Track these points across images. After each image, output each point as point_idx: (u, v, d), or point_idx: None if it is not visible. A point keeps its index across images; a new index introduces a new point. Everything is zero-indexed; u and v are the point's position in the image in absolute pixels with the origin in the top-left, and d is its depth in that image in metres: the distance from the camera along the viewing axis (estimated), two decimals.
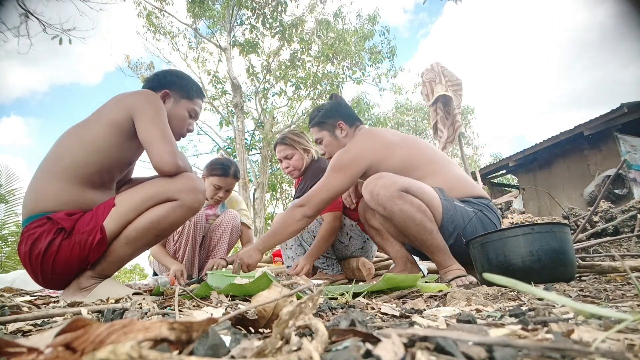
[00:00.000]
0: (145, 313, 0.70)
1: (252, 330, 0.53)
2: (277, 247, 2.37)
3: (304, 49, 11.34)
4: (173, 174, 1.34)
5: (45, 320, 0.69)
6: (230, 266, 2.18)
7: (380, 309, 0.81)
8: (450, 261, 1.52)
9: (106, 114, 1.37)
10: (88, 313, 0.69)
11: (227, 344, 0.39)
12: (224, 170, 2.43)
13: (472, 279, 1.43)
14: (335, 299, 1.05)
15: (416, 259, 2.14)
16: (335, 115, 1.99)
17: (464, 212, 1.59)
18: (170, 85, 1.56)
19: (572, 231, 2.55)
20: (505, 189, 10.73)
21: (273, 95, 12.26)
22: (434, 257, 1.54)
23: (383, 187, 1.50)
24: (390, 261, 2.76)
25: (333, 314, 0.78)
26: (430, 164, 1.74)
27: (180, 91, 1.57)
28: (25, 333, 0.62)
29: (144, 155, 1.46)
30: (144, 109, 1.35)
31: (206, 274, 2.39)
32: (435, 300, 1.04)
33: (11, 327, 0.64)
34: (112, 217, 1.28)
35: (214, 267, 2.25)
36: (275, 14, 10.19)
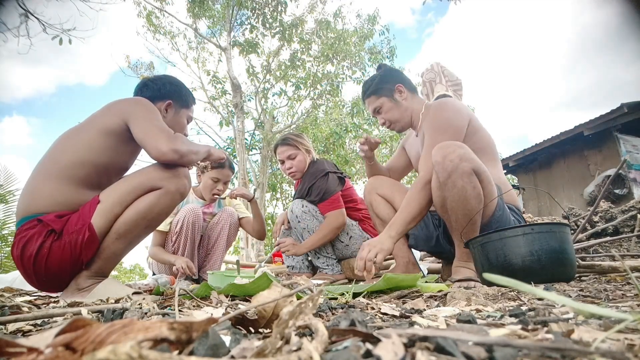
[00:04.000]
0: (145, 313, 0.70)
1: (252, 330, 0.53)
2: (278, 249, 2.37)
3: (304, 49, 11.33)
4: (176, 159, 1.33)
5: (45, 320, 0.69)
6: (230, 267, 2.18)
7: (380, 309, 0.81)
8: (469, 258, 1.49)
9: (99, 120, 1.39)
10: (88, 313, 0.69)
11: (227, 344, 0.39)
12: (219, 162, 2.45)
13: (478, 284, 1.40)
14: (335, 299, 1.05)
15: (417, 257, 2.13)
16: (392, 79, 1.86)
17: (508, 218, 1.55)
18: (171, 95, 1.62)
19: (572, 231, 2.55)
20: None
21: (273, 95, 12.25)
22: (460, 248, 1.50)
23: (459, 157, 1.39)
24: (391, 261, 2.76)
25: (333, 314, 0.78)
26: (495, 154, 1.69)
27: (180, 100, 1.65)
28: (25, 333, 0.62)
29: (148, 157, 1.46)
30: (136, 112, 1.37)
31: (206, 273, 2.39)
32: (435, 300, 1.04)
33: (11, 327, 0.64)
34: (98, 214, 1.28)
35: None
36: (275, 14, 10.18)
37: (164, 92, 1.61)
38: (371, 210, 1.98)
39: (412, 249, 1.92)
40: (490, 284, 1.17)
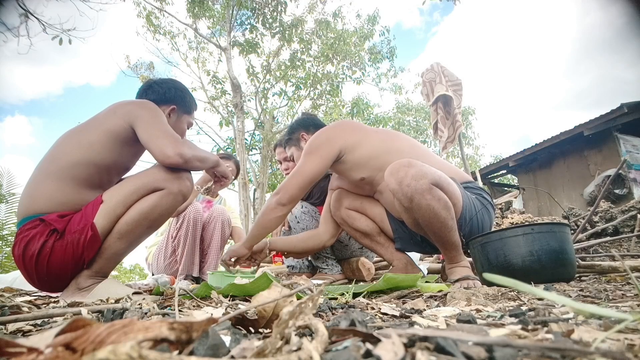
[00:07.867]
0: (145, 313, 0.70)
1: (252, 330, 0.53)
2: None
3: (304, 49, 11.33)
4: (181, 164, 1.34)
5: (45, 320, 0.69)
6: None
7: (380, 309, 0.81)
8: (460, 257, 1.50)
9: (103, 121, 1.40)
10: (88, 313, 0.69)
11: (227, 344, 0.39)
12: (226, 154, 2.74)
13: (477, 282, 1.40)
14: (335, 299, 1.05)
15: (415, 259, 2.12)
16: (298, 128, 2.02)
17: (474, 202, 1.59)
18: (176, 100, 1.64)
19: (572, 231, 2.55)
20: (505, 189, 10.72)
21: (273, 95, 12.27)
22: (447, 252, 1.51)
23: (414, 179, 1.39)
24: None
25: (333, 314, 0.78)
26: (413, 149, 1.69)
27: (183, 106, 1.66)
28: (25, 333, 0.62)
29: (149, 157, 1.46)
30: (142, 115, 1.38)
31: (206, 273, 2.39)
32: (435, 300, 1.04)
33: (11, 327, 0.64)
34: (101, 214, 1.28)
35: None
36: (275, 14, 10.18)
37: (168, 96, 1.62)
38: (347, 226, 1.94)
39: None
40: (490, 284, 1.17)
